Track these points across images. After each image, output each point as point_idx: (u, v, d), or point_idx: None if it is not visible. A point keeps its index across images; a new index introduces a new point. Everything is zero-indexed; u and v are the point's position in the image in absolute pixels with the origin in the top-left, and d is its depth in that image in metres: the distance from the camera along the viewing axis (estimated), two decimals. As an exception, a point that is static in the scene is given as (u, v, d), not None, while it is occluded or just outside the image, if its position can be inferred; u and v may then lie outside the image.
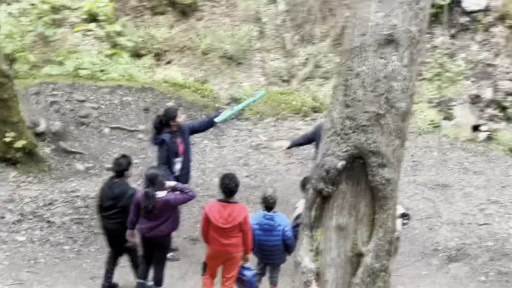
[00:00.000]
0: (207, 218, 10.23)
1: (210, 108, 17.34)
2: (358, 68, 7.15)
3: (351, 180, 7.27)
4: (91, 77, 17.34)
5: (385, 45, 7.08)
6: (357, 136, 7.12)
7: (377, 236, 7.20)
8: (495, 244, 13.36)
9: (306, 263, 7.40)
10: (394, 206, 7.24)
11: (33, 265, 12.07)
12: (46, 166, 14.82)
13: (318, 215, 7.46)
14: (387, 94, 7.06)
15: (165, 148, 12.19)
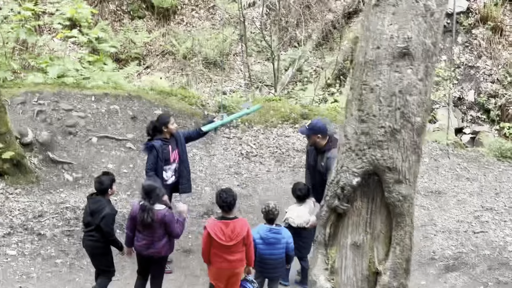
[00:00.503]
0: (209, 237, 10.01)
1: (198, 115, 17.16)
2: (373, 82, 7.04)
3: (366, 197, 7.16)
4: (76, 85, 17.09)
5: (400, 58, 6.99)
6: (372, 152, 7.01)
7: (394, 254, 7.08)
8: (493, 252, 13.32)
9: (322, 282, 7.27)
10: (411, 223, 7.13)
11: (25, 280, 11.90)
12: (35, 177, 14.57)
13: (332, 232, 7.33)
14: (403, 109, 6.96)
15: (154, 154, 12.06)
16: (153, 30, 26.78)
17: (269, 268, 10.94)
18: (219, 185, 15.38)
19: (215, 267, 10.29)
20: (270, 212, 10.85)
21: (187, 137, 12.79)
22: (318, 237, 7.42)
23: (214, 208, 14.69)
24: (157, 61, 26.37)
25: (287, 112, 17.76)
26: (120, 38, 24.50)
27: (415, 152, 7.09)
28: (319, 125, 11.80)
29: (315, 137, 11.74)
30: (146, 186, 10.35)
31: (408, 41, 6.97)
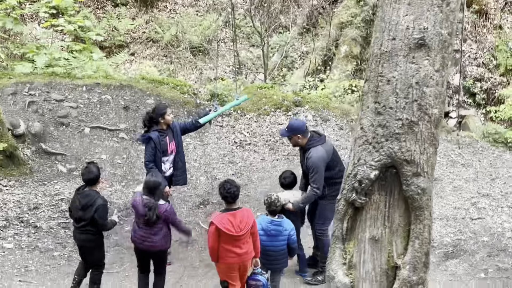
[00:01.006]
0: (218, 231, 9.87)
1: (191, 104, 17.05)
2: (389, 74, 6.98)
3: (384, 190, 7.11)
4: (67, 75, 16.92)
5: (417, 50, 6.93)
6: (390, 144, 6.95)
7: (413, 248, 7.03)
8: (491, 239, 13.34)
9: (340, 277, 7.22)
10: (430, 216, 7.08)
11: (24, 274, 11.79)
12: (28, 169, 14.43)
13: (350, 226, 7.27)
14: (420, 101, 6.91)
15: (152, 146, 11.95)
16: (136, 17, 26.53)
17: (271, 259, 10.88)
18: (214, 175, 15.33)
19: (225, 263, 10.14)
20: (272, 204, 10.79)
21: (183, 129, 12.67)
22: (335, 232, 7.36)
23: (210, 198, 14.66)
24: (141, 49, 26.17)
25: (279, 100, 17.67)
26: (103, 26, 24.24)
27: (432, 144, 7.04)
28: (297, 124, 11.75)
29: (295, 137, 11.70)
30: (151, 183, 10.18)
31: (424, 32, 6.90)
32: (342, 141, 16.95)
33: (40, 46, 19.66)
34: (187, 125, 12.80)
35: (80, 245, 10.75)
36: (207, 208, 14.45)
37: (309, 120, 17.11)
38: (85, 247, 10.69)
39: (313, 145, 11.57)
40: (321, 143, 11.63)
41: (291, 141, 11.92)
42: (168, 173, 12.36)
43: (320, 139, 11.71)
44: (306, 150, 11.64)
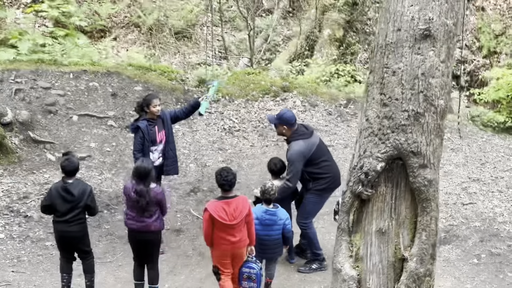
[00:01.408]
0: (211, 219, 9.83)
1: (179, 91, 16.97)
2: (394, 65, 6.94)
3: (391, 182, 7.08)
4: (53, 62, 16.76)
5: (422, 40, 6.90)
6: (396, 136, 6.92)
7: (420, 240, 7.02)
8: (483, 224, 13.38)
9: (347, 270, 7.19)
10: (436, 208, 7.08)
11: (17, 264, 11.69)
12: (16, 158, 14.30)
13: (356, 219, 7.25)
14: (426, 92, 6.88)
15: (140, 135, 11.87)
16: (117, 1, 26.32)
17: (266, 249, 10.83)
18: (203, 162, 15.29)
19: (219, 250, 10.12)
20: (266, 192, 10.71)
21: (174, 118, 12.58)
22: (342, 224, 7.33)
23: (200, 185, 14.62)
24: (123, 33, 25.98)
25: (267, 85, 17.63)
26: (84, 10, 24.00)
27: (438, 135, 7.02)
28: (287, 115, 11.75)
29: (281, 127, 11.73)
30: (142, 169, 10.08)
31: (430, 23, 6.87)
32: (331, 126, 16.95)
33: (23, 32, 19.44)
34: (177, 113, 12.70)
35: (72, 236, 10.46)
36: (197, 196, 14.41)
37: (297, 106, 17.07)
38: (77, 237, 10.50)
39: (294, 139, 11.57)
40: (304, 137, 11.63)
41: (277, 129, 11.93)
42: (157, 163, 12.23)
43: (305, 133, 11.71)
44: (288, 143, 11.67)
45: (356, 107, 17.63)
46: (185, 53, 25.14)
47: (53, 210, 10.37)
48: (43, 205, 10.52)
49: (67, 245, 10.53)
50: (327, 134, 16.47)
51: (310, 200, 11.80)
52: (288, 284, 11.68)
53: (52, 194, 10.30)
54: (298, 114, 16.68)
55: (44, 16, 21.63)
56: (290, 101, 17.27)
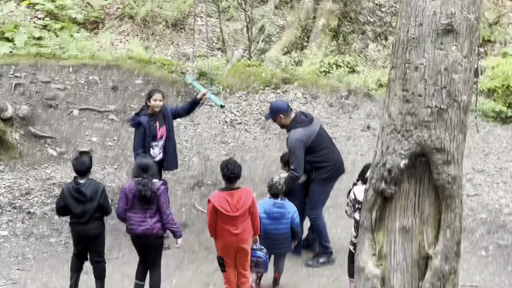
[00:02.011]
0: (215, 210, 9.85)
1: (179, 83, 16.85)
2: (417, 61, 6.84)
3: (414, 179, 6.99)
4: (52, 56, 16.62)
5: (444, 35, 6.79)
6: (419, 132, 6.83)
7: (444, 237, 6.93)
8: (489, 215, 13.38)
9: (370, 268, 7.10)
10: (460, 205, 6.99)
11: (22, 261, 11.67)
12: (17, 153, 14.18)
13: (378, 217, 7.17)
14: (449, 87, 6.79)
15: (141, 131, 11.80)
16: (110, -8, 26.12)
17: (275, 243, 10.81)
18: (206, 155, 15.21)
19: (222, 241, 10.16)
20: (273, 186, 10.69)
21: (175, 114, 12.55)
22: (364, 222, 7.24)
23: (204, 179, 14.56)
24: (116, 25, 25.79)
25: (268, 77, 17.53)
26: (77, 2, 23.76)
27: (462, 131, 6.94)
28: (277, 105, 11.92)
29: (278, 118, 11.78)
30: (144, 164, 10.10)
31: (452, 17, 6.78)
32: (332, 118, 16.88)
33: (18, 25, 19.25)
34: (178, 109, 12.68)
35: (89, 235, 10.36)
36: (201, 190, 14.34)
37: (298, 98, 16.99)
38: (95, 236, 10.40)
39: (293, 127, 11.55)
40: (303, 125, 11.62)
41: (277, 123, 12.01)
42: (158, 158, 12.18)
43: (304, 120, 11.71)
44: (290, 130, 11.67)
45: (357, 98, 17.56)
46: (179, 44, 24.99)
47: (68, 212, 10.25)
48: (57, 208, 10.44)
49: (83, 244, 10.42)
50: (329, 126, 16.38)
51: (315, 191, 11.78)
52: (296, 278, 11.66)
53: (64, 195, 10.20)
54: (299, 106, 16.60)
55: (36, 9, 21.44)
56: (291, 93, 17.19)
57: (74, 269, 10.59)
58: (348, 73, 19.77)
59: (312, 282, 11.07)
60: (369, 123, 16.68)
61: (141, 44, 22.20)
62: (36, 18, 21.43)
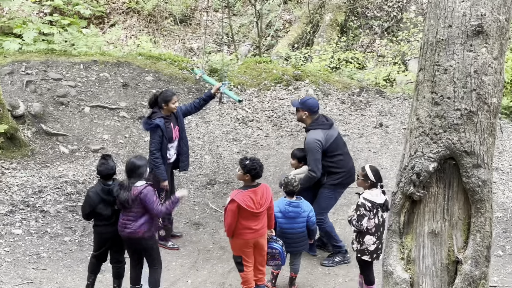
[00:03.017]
0: (239, 209, 9.78)
1: (190, 80, 16.78)
2: (446, 63, 6.81)
3: (443, 183, 6.96)
4: (63, 53, 16.57)
5: (474, 37, 6.77)
6: (449, 135, 6.80)
7: (474, 242, 6.90)
8: (505, 214, 13.29)
9: (399, 273, 7.07)
10: (491, 209, 6.95)
11: (37, 261, 11.52)
12: (29, 151, 14.13)
13: (407, 220, 7.11)
14: (479, 90, 6.76)
15: (159, 134, 11.63)
16: (116, -14, 26.15)
17: (290, 242, 10.75)
18: (218, 153, 15.14)
19: (242, 239, 10.07)
20: (289, 184, 10.65)
21: (185, 113, 12.40)
22: (392, 226, 7.20)
23: (217, 177, 14.49)
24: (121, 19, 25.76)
25: (279, 74, 17.46)
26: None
27: (491, 134, 6.90)
28: (311, 102, 11.74)
29: (303, 112, 11.66)
30: (130, 164, 9.85)
31: (482, 18, 6.73)
32: (345, 115, 16.81)
33: (27, 21, 19.22)
34: (188, 108, 12.49)
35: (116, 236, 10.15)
36: (214, 188, 14.26)
37: (310, 95, 16.91)
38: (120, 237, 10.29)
39: (313, 128, 11.51)
40: (323, 127, 11.58)
41: (297, 114, 11.87)
42: (172, 159, 12.10)
43: (325, 123, 11.66)
44: (307, 131, 11.63)
45: (369, 95, 17.49)
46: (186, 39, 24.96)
47: (97, 215, 10.11)
48: (85, 213, 10.19)
49: (108, 245, 10.25)
50: (341, 123, 16.32)
51: (324, 195, 11.73)
52: (312, 278, 11.58)
53: (92, 199, 10.01)
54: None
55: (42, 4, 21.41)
56: (303, 90, 17.12)
57: (92, 271, 10.47)
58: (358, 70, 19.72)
59: (328, 282, 10.99)
60: (381, 120, 16.59)
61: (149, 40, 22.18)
62: (42, 13, 21.43)
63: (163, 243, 12.15)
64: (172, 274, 11.43)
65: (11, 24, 19.03)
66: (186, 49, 24.70)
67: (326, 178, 11.61)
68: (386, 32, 25.20)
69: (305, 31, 24.49)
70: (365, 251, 10.25)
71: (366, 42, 24.91)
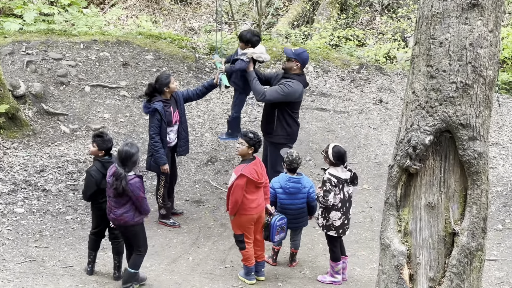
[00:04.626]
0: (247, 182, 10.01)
1: (190, 59, 16.80)
2: (441, 36, 6.82)
3: (439, 155, 6.99)
4: (63, 33, 16.59)
5: (469, 10, 6.76)
6: (444, 108, 6.82)
7: (471, 214, 6.94)
8: (505, 189, 13.35)
9: (396, 245, 7.12)
10: (487, 181, 7.00)
11: (39, 239, 11.60)
12: (31, 130, 14.18)
13: (403, 193, 7.17)
14: (474, 63, 6.76)
15: (157, 118, 11.66)
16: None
17: (291, 218, 10.85)
18: (219, 131, 15.15)
19: (246, 215, 10.25)
20: (294, 161, 10.76)
21: (186, 98, 12.40)
22: (389, 199, 7.24)
23: (217, 155, 14.55)
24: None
25: (278, 52, 17.45)
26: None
27: (487, 107, 6.92)
28: (305, 56, 12.05)
29: (295, 63, 11.92)
30: (123, 153, 9.61)
31: (477, -9, 6.73)
32: (344, 92, 16.83)
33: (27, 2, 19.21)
34: (190, 93, 12.49)
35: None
36: (215, 166, 14.32)
37: (309, 72, 16.93)
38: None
39: (297, 80, 11.87)
40: (304, 85, 12.10)
41: (287, 64, 12.06)
42: (173, 144, 12.16)
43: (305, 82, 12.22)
44: (288, 77, 11.92)
45: (369, 72, 17.50)
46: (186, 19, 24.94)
47: (99, 192, 10.11)
48: (89, 194, 10.17)
49: (104, 221, 10.31)
50: (341, 100, 16.36)
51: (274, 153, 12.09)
52: (312, 254, 11.70)
53: (95, 177, 10.00)
54: (311, 80, 16.56)
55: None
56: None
57: (93, 248, 10.56)
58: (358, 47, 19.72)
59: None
60: (381, 97, 16.62)
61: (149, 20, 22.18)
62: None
63: (164, 221, 12.26)
64: (174, 251, 11.52)
65: (11, 5, 18.97)
66: (186, 28, 24.69)
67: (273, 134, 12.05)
68: (386, 9, 25.15)
69: (305, 9, 24.48)
70: (331, 226, 10.40)
71: (366, 19, 24.89)
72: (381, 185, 13.11)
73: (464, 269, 6.92)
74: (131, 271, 10.05)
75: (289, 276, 10.96)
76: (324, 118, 15.84)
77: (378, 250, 7.75)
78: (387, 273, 7.26)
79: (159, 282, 10.51)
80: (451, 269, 6.93)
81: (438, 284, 7.02)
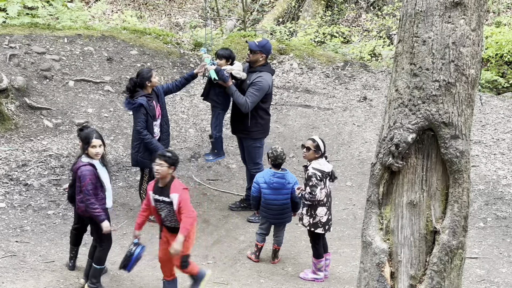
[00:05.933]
0: None
1: (175, 54, 16.76)
2: (425, 34, 6.79)
3: (421, 153, 6.96)
4: (47, 27, 16.50)
5: (452, 8, 6.72)
6: (427, 106, 6.79)
7: (452, 212, 6.92)
8: (487, 187, 13.35)
9: (378, 243, 7.10)
10: (468, 179, 6.98)
11: (20, 234, 11.53)
12: (13, 124, 14.11)
13: (385, 191, 7.16)
14: (457, 61, 6.74)
15: (143, 112, 11.64)
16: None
17: (274, 214, 10.87)
18: (202, 127, 15.15)
19: None
20: (278, 157, 10.78)
21: (166, 91, 12.40)
22: (371, 197, 7.22)
23: (201, 151, 14.52)
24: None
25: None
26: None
27: (469, 105, 6.91)
28: (269, 46, 12.18)
29: (260, 55, 12.08)
30: (84, 135, 9.54)
31: (460, -10, 6.73)
32: (329, 89, 16.82)
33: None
34: (169, 86, 12.53)
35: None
36: (198, 162, 14.31)
37: (294, 69, 16.92)
38: None
39: (265, 70, 12.03)
40: (272, 73, 12.23)
41: (252, 57, 12.15)
42: (157, 137, 12.13)
43: (272, 69, 12.38)
44: (256, 71, 12.05)
45: (353, 69, 17.50)
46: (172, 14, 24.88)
47: None
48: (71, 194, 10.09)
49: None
50: (325, 97, 16.35)
51: (253, 147, 12.35)
52: (295, 250, 11.67)
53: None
54: (295, 77, 16.58)
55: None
56: (287, 63, 17.12)
57: (74, 243, 10.48)
58: (343, 44, 19.73)
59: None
60: (365, 94, 16.62)
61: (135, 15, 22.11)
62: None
63: (146, 217, 12.21)
64: (156, 247, 11.45)
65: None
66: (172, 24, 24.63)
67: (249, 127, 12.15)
68: (372, 7, 25.17)
69: (290, 5, 24.45)
70: (318, 224, 10.39)
71: (351, 16, 24.90)
72: (364, 183, 13.10)
73: (444, 267, 6.91)
74: (97, 267, 9.85)
75: (272, 273, 10.92)
76: (308, 115, 15.82)
77: (360, 248, 7.74)
78: (369, 271, 7.25)
79: (141, 277, 10.47)
80: (431, 267, 6.92)
81: (419, 281, 7.00)
